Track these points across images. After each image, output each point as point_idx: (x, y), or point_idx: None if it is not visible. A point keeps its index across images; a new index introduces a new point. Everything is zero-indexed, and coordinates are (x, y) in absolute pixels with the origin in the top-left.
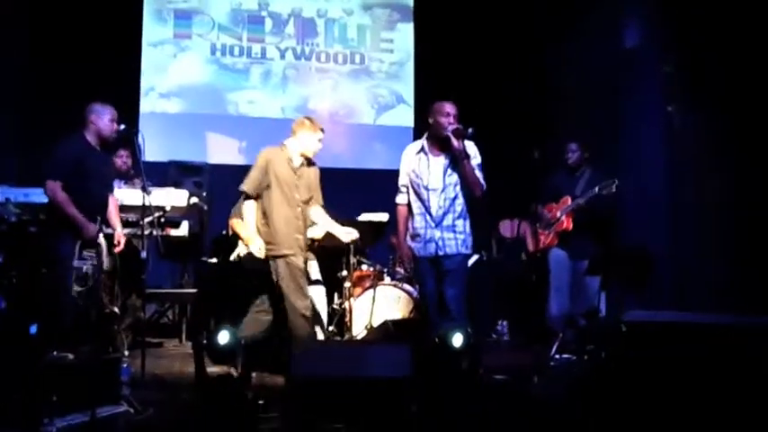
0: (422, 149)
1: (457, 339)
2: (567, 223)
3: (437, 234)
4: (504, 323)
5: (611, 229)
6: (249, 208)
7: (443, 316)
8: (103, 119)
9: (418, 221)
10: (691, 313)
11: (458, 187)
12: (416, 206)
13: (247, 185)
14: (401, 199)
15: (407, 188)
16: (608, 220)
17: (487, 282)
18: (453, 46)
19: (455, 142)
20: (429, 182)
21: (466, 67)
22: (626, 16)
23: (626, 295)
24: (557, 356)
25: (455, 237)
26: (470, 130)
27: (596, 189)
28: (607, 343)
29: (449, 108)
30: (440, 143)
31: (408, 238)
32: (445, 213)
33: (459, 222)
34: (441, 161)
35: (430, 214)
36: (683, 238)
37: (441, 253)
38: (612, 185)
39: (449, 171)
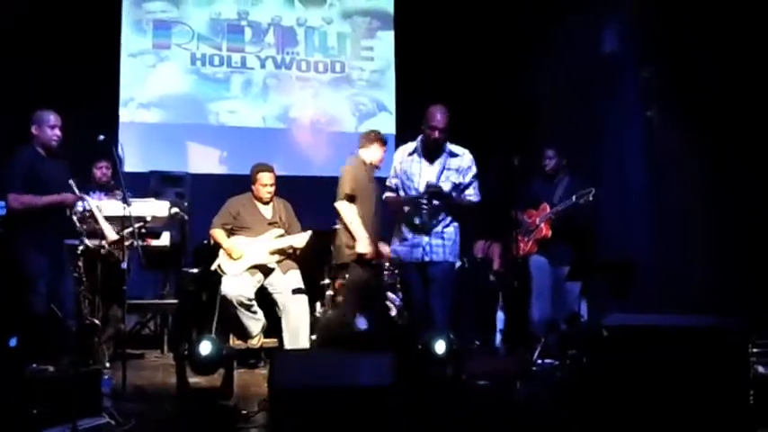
0: (415, 151)
1: (440, 346)
2: (545, 231)
3: (425, 239)
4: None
5: (591, 235)
6: (353, 211)
7: (427, 325)
8: (43, 127)
9: (405, 223)
10: (672, 316)
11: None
12: (405, 208)
13: (351, 190)
14: (389, 195)
15: (397, 188)
16: (587, 227)
17: (469, 288)
18: (433, 53)
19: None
20: (420, 186)
21: (446, 74)
22: (605, 21)
23: (608, 300)
24: (539, 361)
25: (443, 244)
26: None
27: (573, 198)
28: (588, 347)
29: (437, 120)
30: (431, 151)
31: (395, 240)
32: (437, 221)
33: (449, 230)
34: (433, 168)
35: (420, 219)
36: (664, 242)
37: (427, 259)
38: (590, 194)
39: (442, 177)
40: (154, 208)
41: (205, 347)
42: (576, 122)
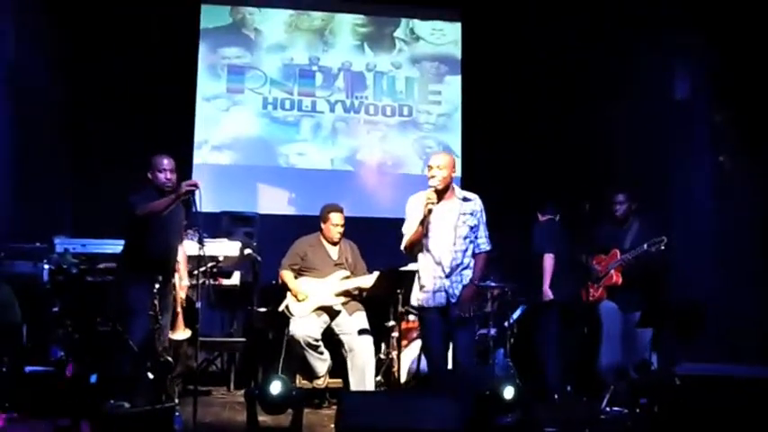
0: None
1: (508, 392)
2: (616, 278)
3: (446, 283)
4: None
5: (662, 282)
6: None
7: (455, 367)
8: (155, 173)
9: (425, 271)
10: (744, 366)
11: (467, 240)
12: (425, 255)
13: None
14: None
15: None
16: (658, 274)
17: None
18: (501, 97)
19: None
20: (439, 234)
21: (513, 118)
22: (677, 67)
23: (677, 348)
24: (608, 409)
25: (462, 282)
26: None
27: (645, 246)
28: (660, 396)
29: (431, 160)
30: (441, 196)
31: (415, 289)
32: (457, 266)
33: (466, 272)
34: (450, 215)
35: (440, 265)
36: (733, 290)
37: (453, 300)
38: (662, 243)
39: (459, 223)
40: (226, 248)
41: (276, 387)
42: (646, 168)
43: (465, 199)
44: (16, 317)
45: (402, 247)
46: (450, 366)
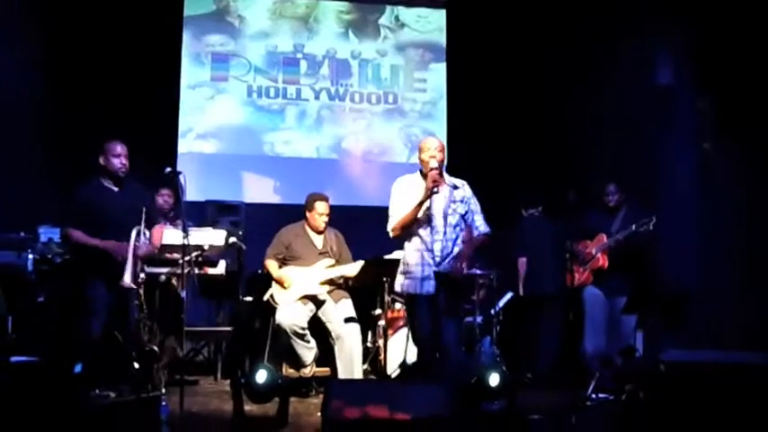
0: (419, 187)
1: (494, 379)
2: (602, 261)
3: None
4: None
5: (648, 266)
6: None
7: (441, 354)
8: (109, 157)
9: (413, 257)
10: (731, 352)
11: (458, 228)
12: (413, 241)
13: None
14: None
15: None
16: (645, 257)
17: (523, 319)
18: (485, 84)
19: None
20: (430, 220)
21: (498, 105)
22: (660, 53)
23: (661, 332)
24: (593, 396)
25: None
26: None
27: (633, 226)
28: (646, 383)
29: (431, 143)
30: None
31: (399, 274)
32: (448, 254)
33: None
34: (440, 202)
35: (430, 252)
36: (718, 276)
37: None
38: (650, 222)
39: (449, 211)
40: (211, 237)
41: (262, 376)
42: (630, 155)
43: (454, 186)
44: (1, 307)
45: (390, 229)
46: (437, 354)
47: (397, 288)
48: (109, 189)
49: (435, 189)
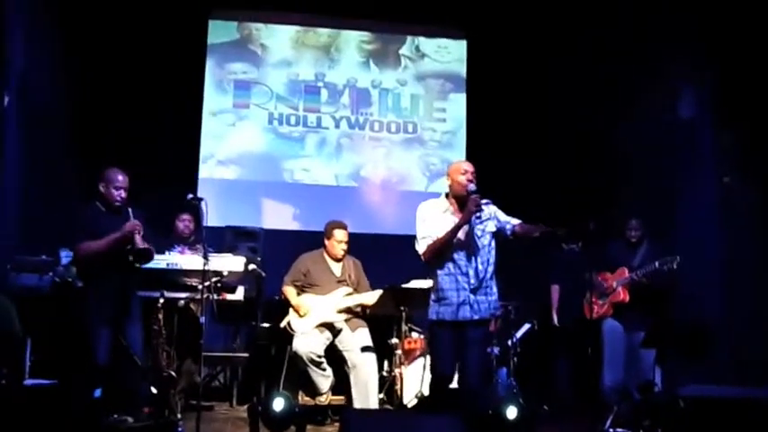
0: (447, 211)
1: (511, 412)
2: (623, 295)
3: (472, 297)
4: None
5: (668, 302)
6: None
7: (461, 386)
8: (109, 188)
9: (447, 283)
10: (752, 388)
11: (491, 248)
12: (447, 266)
13: None
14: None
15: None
16: (666, 294)
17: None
18: (506, 115)
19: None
20: (463, 244)
21: (518, 136)
22: (682, 87)
23: (681, 369)
24: (611, 430)
25: (487, 299)
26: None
27: (656, 264)
28: (664, 418)
29: (466, 166)
30: (461, 205)
31: (432, 302)
32: (482, 278)
33: (491, 284)
34: (472, 224)
35: (465, 276)
36: (739, 311)
37: (476, 317)
38: (674, 262)
39: (478, 233)
40: (230, 263)
41: (279, 404)
42: (652, 188)
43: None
44: (14, 327)
45: (422, 253)
46: (456, 385)
47: (432, 316)
48: (106, 215)
49: (478, 213)
